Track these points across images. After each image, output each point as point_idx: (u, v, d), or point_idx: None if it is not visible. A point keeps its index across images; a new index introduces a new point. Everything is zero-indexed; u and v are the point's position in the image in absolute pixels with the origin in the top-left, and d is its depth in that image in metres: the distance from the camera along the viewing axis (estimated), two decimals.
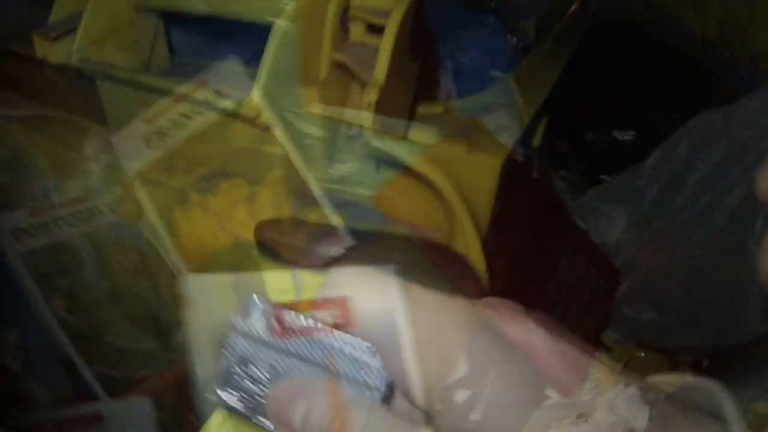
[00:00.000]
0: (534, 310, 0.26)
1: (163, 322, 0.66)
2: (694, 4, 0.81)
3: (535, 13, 1.00)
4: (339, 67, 0.54)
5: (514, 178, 0.61)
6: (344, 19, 0.55)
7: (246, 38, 0.64)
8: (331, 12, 0.54)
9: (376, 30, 0.53)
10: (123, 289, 0.65)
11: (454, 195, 0.56)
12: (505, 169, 0.58)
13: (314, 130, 0.54)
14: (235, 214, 0.60)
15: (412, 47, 0.55)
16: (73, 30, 0.64)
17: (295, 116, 0.54)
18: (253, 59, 0.61)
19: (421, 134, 0.58)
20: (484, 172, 0.59)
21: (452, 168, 0.59)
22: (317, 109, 0.54)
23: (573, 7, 0.97)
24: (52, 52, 0.65)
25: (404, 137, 0.54)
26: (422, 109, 0.63)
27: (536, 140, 0.77)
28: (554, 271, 0.73)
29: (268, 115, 0.52)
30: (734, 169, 0.71)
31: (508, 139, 0.63)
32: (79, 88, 0.67)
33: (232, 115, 0.54)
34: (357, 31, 0.55)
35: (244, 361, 0.25)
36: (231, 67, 0.63)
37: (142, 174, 0.56)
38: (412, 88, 0.59)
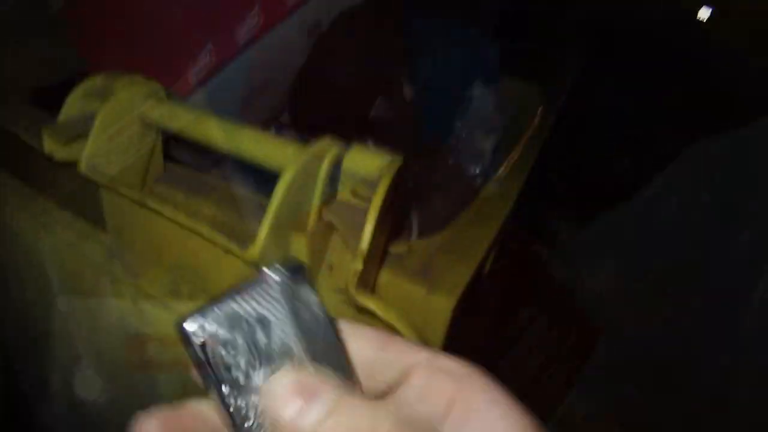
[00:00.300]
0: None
1: None
2: None
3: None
4: (327, 223, 0.62)
5: (467, 300, 0.70)
6: (335, 175, 0.63)
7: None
8: (324, 169, 0.62)
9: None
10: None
11: (410, 333, 0.64)
12: (460, 302, 0.68)
13: None
14: None
15: (392, 206, 0.64)
16: (82, 134, 0.70)
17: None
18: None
19: (388, 276, 0.68)
20: (439, 313, 0.69)
21: (411, 307, 0.68)
22: (304, 256, 0.62)
23: (532, 126, 1.08)
24: (58, 150, 0.71)
25: (372, 289, 0.63)
26: (391, 248, 0.72)
27: (487, 267, 0.86)
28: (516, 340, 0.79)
29: (265, 260, 0.59)
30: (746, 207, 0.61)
31: (461, 276, 0.72)
32: (82, 188, 0.73)
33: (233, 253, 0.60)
34: (344, 192, 0.63)
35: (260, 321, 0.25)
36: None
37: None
38: (386, 237, 0.67)
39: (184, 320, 0.24)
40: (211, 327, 0.24)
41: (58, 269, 0.69)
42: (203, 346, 0.24)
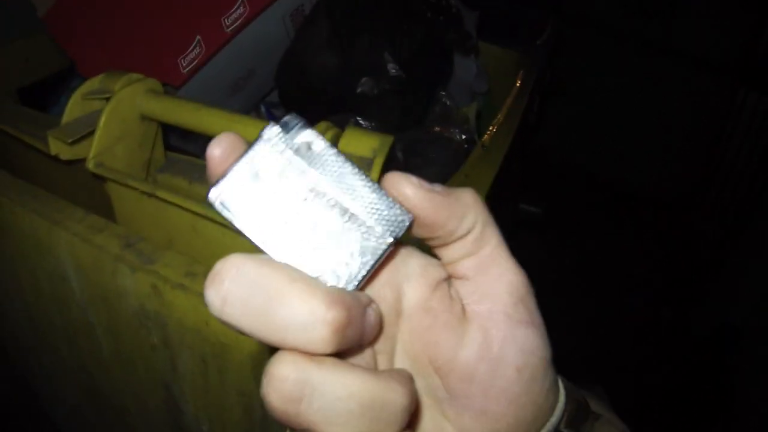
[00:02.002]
0: None
1: None
2: None
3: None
4: None
5: None
6: None
7: None
8: None
9: None
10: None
11: None
12: None
13: None
14: None
15: None
16: (86, 134, 0.74)
17: None
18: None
19: None
20: None
21: None
22: None
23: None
24: (64, 150, 0.74)
25: None
26: None
27: None
28: None
29: None
30: None
31: None
32: (88, 184, 0.77)
33: None
34: None
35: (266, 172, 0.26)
36: None
37: None
38: None
39: (208, 192, 0.26)
40: (228, 187, 0.26)
41: (74, 263, 0.73)
42: (223, 204, 0.26)
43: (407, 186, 0.28)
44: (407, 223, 0.27)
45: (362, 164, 0.65)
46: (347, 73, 0.93)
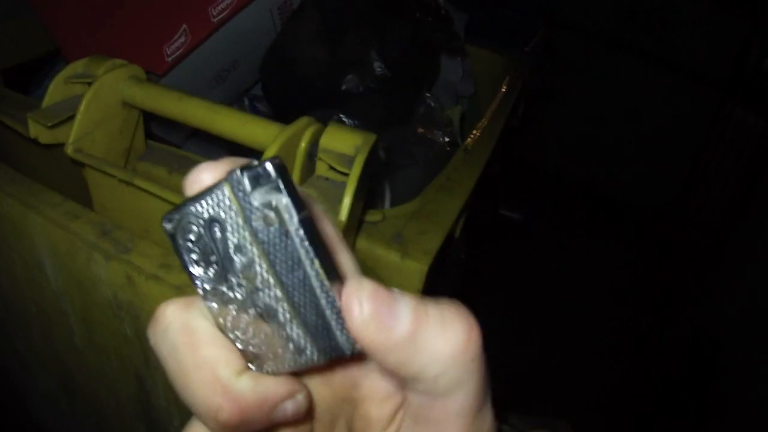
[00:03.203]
0: None
1: None
2: None
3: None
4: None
5: (436, 272, 0.75)
6: (313, 152, 0.67)
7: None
8: (303, 146, 0.66)
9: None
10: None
11: None
12: (432, 266, 0.73)
13: None
14: None
15: (367, 178, 0.68)
16: (67, 119, 0.73)
17: None
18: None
19: (364, 243, 0.73)
20: (413, 276, 0.73)
21: (387, 272, 0.73)
22: None
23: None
24: (44, 133, 0.73)
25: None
26: (366, 217, 0.76)
27: (457, 233, 0.91)
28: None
29: None
30: None
31: (433, 242, 0.77)
32: (66, 169, 0.76)
33: None
34: (322, 167, 0.67)
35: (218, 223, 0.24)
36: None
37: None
38: (362, 207, 0.71)
39: (165, 216, 0.25)
40: (179, 220, 0.24)
41: (49, 249, 0.72)
42: (171, 236, 0.25)
43: (354, 309, 0.23)
44: (346, 354, 0.23)
45: (343, 161, 0.65)
46: (333, 69, 0.93)
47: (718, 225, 2.11)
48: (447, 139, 0.98)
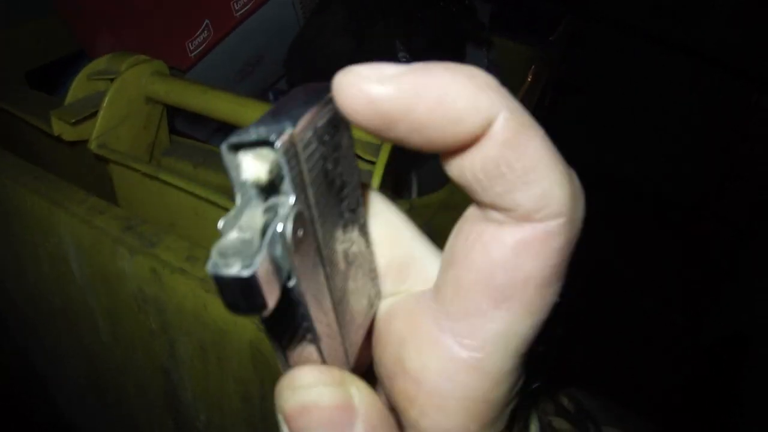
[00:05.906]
0: None
1: None
2: None
3: None
4: None
5: None
6: None
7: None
8: None
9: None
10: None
11: None
12: None
13: None
14: None
15: (393, 167, 0.67)
16: (90, 115, 0.73)
17: None
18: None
19: None
20: None
21: None
22: None
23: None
24: (67, 130, 0.73)
25: None
26: None
27: None
28: None
29: None
30: None
31: None
32: (90, 166, 0.76)
33: None
34: None
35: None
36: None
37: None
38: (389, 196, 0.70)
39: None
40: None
41: (75, 245, 0.72)
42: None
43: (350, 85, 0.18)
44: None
45: (370, 149, 0.64)
46: (359, 61, 0.92)
47: (749, 221, 2.07)
48: None
